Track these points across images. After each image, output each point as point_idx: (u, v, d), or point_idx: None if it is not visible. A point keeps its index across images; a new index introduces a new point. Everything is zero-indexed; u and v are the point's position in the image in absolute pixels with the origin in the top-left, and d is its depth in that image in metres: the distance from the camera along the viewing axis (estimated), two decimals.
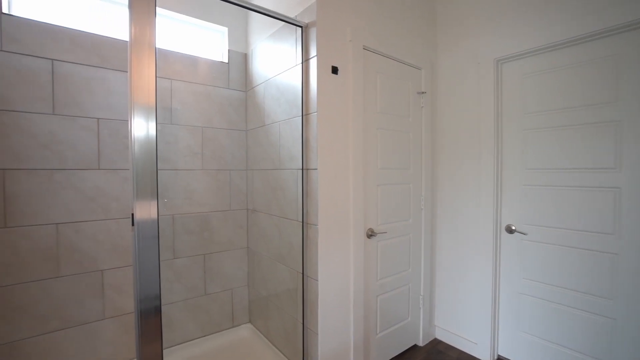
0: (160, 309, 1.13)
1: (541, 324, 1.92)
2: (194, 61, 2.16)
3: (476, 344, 2.18)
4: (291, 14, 1.84)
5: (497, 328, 2.12)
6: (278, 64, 2.00)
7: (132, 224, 1.08)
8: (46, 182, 1.67)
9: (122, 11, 1.93)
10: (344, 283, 1.83)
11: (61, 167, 1.70)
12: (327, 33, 1.72)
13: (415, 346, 2.33)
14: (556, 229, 1.84)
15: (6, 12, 1.57)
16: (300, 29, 1.76)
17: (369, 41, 1.89)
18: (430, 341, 2.40)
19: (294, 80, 1.84)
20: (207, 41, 2.31)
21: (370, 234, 1.94)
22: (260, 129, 2.21)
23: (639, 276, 1.58)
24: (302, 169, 1.80)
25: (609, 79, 1.65)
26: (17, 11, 1.63)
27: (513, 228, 2.01)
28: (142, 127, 1.08)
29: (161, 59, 2.01)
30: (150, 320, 1.11)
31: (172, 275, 2.08)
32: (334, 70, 1.74)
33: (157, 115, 1.11)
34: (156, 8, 1.12)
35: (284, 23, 1.88)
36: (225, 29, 2.33)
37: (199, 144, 2.19)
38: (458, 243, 2.30)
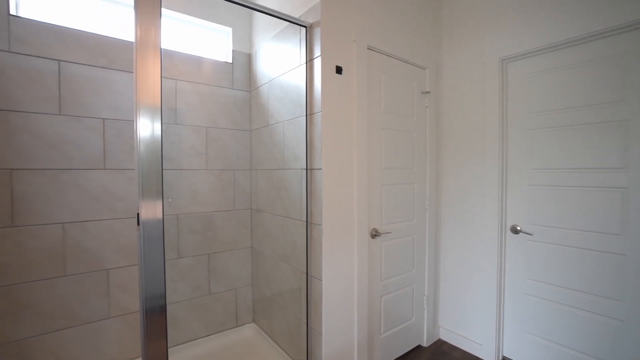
0: (166, 308, 1.14)
1: (547, 325, 1.90)
2: (198, 61, 2.17)
3: (481, 344, 2.17)
4: (295, 14, 1.84)
5: (502, 329, 2.11)
6: (282, 64, 2.00)
7: (138, 224, 1.08)
8: (53, 182, 1.68)
9: (128, 12, 1.94)
10: (348, 283, 1.83)
11: (67, 167, 1.72)
12: (331, 33, 1.72)
13: (419, 347, 2.32)
14: (562, 229, 1.83)
15: (14, 13, 1.59)
16: (304, 29, 1.76)
17: (373, 41, 1.89)
18: (434, 342, 2.39)
19: (298, 80, 1.84)
20: (211, 41, 2.32)
21: (375, 234, 1.94)
22: (264, 129, 2.22)
23: None
24: (306, 168, 1.80)
25: (615, 78, 1.63)
26: (24, 13, 1.64)
27: (518, 228, 1.99)
28: (147, 128, 1.08)
29: (166, 60, 2.02)
30: (155, 319, 1.11)
31: (176, 274, 2.10)
32: (338, 70, 1.74)
33: (162, 115, 1.12)
34: (161, 9, 1.12)
35: (288, 23, 1.88)
36: (229, 30, 2.34)
37: (203, 144, 2.20)
38: (462, 243, 2.28)
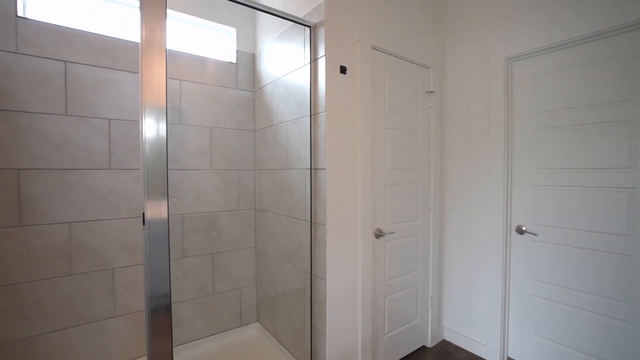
0: (171, 307, 1.14)
1: (553, 326, 1.89)
2: (202, 62, 2.18)
3: (486, 345, 2.16)
4: (299, 14, 1.84)
5: (507, 330, 2.09)
6: (286, 64, 2.00)
7: (143, 223, 1.09)
8: (59, 182, 1.70)
9: (133, 13, 1.95)
10: (352, 283, 1.83)
11: (73, 167, 1.73)
12: (335, 33, 1.71)
13: (423, 347, 2.31)
14: (568, 229, 1.81)
15: (21, 15, 1.61)
16: (308, 28, 1.76)
17: (377, 40, 1.88)
18: (438, 342, 2.38)
19: (302, 80, 1.84)
20: (215, 42, 2.33)
21: (379, 234, 1.93)
22: (268, 129, 2.22)
23: None
24: (311, 168, 1.80)
25: (624, 77, 1.61)
26: (31, 14, 1.66)
27: (523, 229, 1.98)
28: (152, 128, 1.09)
29: (170, 60, 2.03)
30: (160, 318, 1.12)
31: (181, 274, 2.11)
32: (343, 70, 1.74)
33: (167, 115, 1.12)
34: (166, 10, 1.13)
35: (292, 23, 1.88)
36: (233, 30, 2.35)
37: (208, 144, 2.20)
38: (467, 243, 2.27)
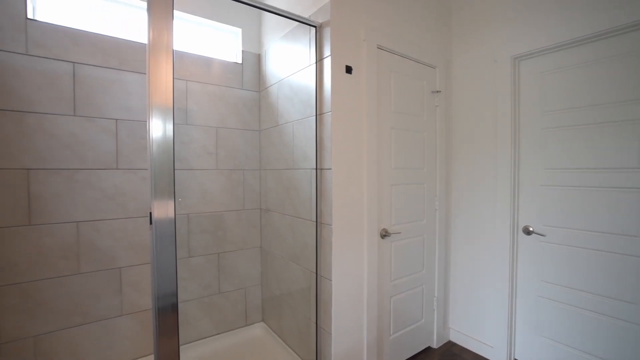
0: (177, 306, 1.15)
1: (561, 328, 1.87)
2: (208, 62, 2.19)
3: (492, 347, 2.14)
4: (305, 14, 1.84)
5: (514, 331, 2.07)
6: (291, 64, 2.00)
7: (150, 223, 1.10)
8: (67, 182, 1.72)
9: (140, 14, 1.97)
10: (358, 283, 1.82)
11: (81, 167, 1.75)
12: (341, 33, 1.71)
13: (429, 348, 2.30)
14: (577, 230, 1.79)
15: (31, 17, 1.63)
16: (314, 28, 1.76)
17: (383, 40, 1.88)
18: (444, 343, 2.37)
19: (308, 80, 1.85)
20: (221, 42, 2.34)
21: (384, 234, 1.93)
22: (274, 129, 2.23)
23: None
24: (316, 168, 1.80)
25: (635, 75, 1.58)
26: (40, 16, 1.68)
27: (531, 229, 1.96)
28: (160, 128, 1.10)
29: (177, 61, 2.04)
30: (167, 316, 1.13)
31: (187, 273, 2.12)
32: (348, 69, 1.74)
33: (174, 116, 1.13)
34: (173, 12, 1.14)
35: (297, 23, 1.88)
36: (239, 30, 2.36)
37: (213, 144, 2.22)
38: (473, 244, 2.26)
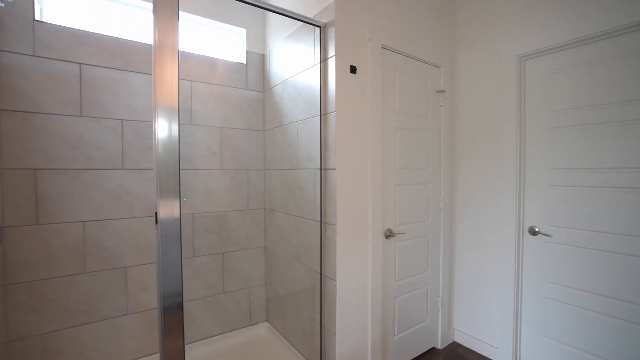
0: (182, 305, 1.16)
1: (567, 329, 1.85)
2: (213, 63, 2.20)
3: (497, 348, 2.12)
4: (309, 14, 1.84)
5: (519, 332, 2.06)
6: (296, 64, 2.00)
7: (156, 222, 1.11)
8: (74, 182, 1.73)
9: (146, 15, 1.98)
10: (362, 283, 1.82)
11: (88, 167, 1.77)
12: (345, 32, 1.71)
13: (433, 349, 2.29)
14: (583, 231, 1.77)
15: (38, 19, 1.65)
16: (318, 28, 1.76)
17: (387, 40, 1.87)
18: (449, 344, 2.36)
19: (312, 80, 1.85)
20: (225, 43, 2.34)
21: (389, 235, 1.92)
22: (278, 129, 2.23)
23: None
24: (320, 168, 1.80)
25: (637, 75, 1.56)
26: (48, 18, 1.70)
27: (537, 230, 1.94)
28: (165, 128, 1.10)
29: (182, 61, 2.05)
30: (172, 316, 1.13)
31: (191, 273, 2.13)
32: (353, 69, 1.74)
33: (179, 116, 1.14)
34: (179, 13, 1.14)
35: (302, 23, 1.88)
36: (243, 30, 2.36)
37: (218, 144, 2.22)
38: (478, 244, 2.24)
